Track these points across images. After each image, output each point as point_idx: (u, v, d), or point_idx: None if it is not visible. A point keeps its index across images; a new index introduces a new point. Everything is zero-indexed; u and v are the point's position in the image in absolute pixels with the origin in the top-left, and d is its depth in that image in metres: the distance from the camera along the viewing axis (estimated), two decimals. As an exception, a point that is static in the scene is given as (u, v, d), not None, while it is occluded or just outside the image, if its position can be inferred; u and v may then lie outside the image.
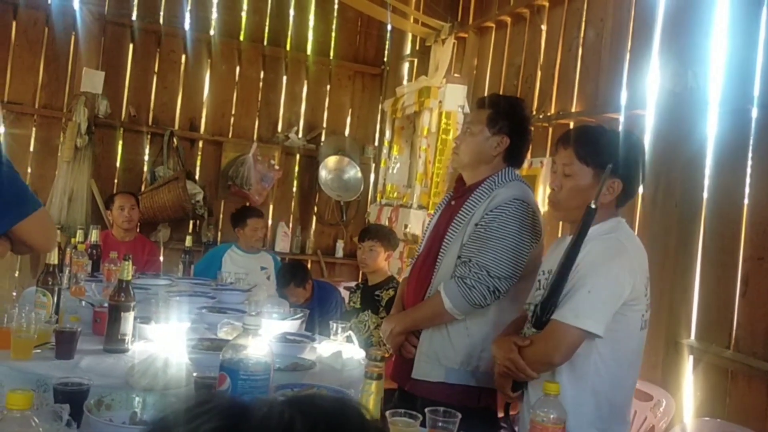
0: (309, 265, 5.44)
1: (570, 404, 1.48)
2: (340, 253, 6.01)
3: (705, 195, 2.86)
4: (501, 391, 2.06)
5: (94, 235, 3.71)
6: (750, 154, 2.68)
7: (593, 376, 1.87)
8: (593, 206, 1.84)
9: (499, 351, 1.96)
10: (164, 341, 2.23)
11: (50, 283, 2.41)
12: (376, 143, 6.10)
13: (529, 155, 3.99)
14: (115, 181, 5.51)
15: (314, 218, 6.07)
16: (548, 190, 3.72)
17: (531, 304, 1.97)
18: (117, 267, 3.05)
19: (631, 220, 3.19)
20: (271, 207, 5.89)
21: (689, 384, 2.80)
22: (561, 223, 3.45)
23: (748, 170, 2.68)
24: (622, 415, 1.97)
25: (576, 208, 1.93)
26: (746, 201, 2.68)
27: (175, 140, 5.51)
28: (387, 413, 1.61)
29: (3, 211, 1.80)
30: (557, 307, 1.84)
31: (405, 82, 5.70)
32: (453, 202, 2.50)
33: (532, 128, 3.96)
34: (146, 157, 5.58)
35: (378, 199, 5.53)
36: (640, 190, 2.40)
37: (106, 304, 2.33)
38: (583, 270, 1.83)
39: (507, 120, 2.42)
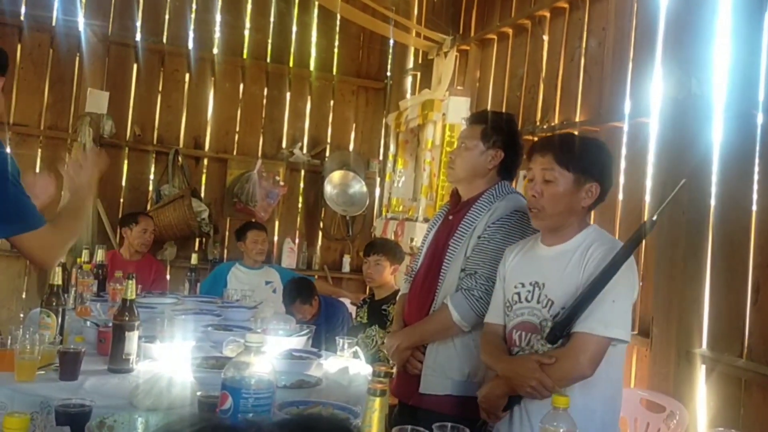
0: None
1: (581, 413, 1.47)
2: (346, 267, 5.99)
3: (712, 202, 2.83)
4: (491, 410, 2.01)
5: (100, 255, 3.70)
6: (757, 160, 2.65)
7: (604, 382, 1.90)
8: (654, 219, 1.92)
9: (519, 371, 1.91)
10: (169, 360, 2.22)
11: (54, 303, 2.40)
12: (381, 157, 6.10)
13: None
14: (121, 200, 5.53)
15: (320, 233, 6.06)
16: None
17: (546, 320, 1.93)
18: (122, 286, 3.04)
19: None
20: (276, 223, 5.88)
21: (702, 394, 2.76)
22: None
23: (755, 176, 2.65)
24: (617, 418, 2.01)
25: (558, 214, 1.97)
26: (754, 207, 2.65)
27: (179, 158, 5.52)
28: (393, 430, 1.59)
29: (4, 224, 1.98)
30: (579, 320, 1.84)
31: (408, 95, 5.70)
32: (451, 217, 2.52)
33: (536, 139, 4.00)
34: (151, 176, 5.59)
35: (383, 213, 5.52)
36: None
37: (110, 324, 2.32)
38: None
39: (500, 134, 2.46)
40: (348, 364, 2.36)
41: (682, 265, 2.82)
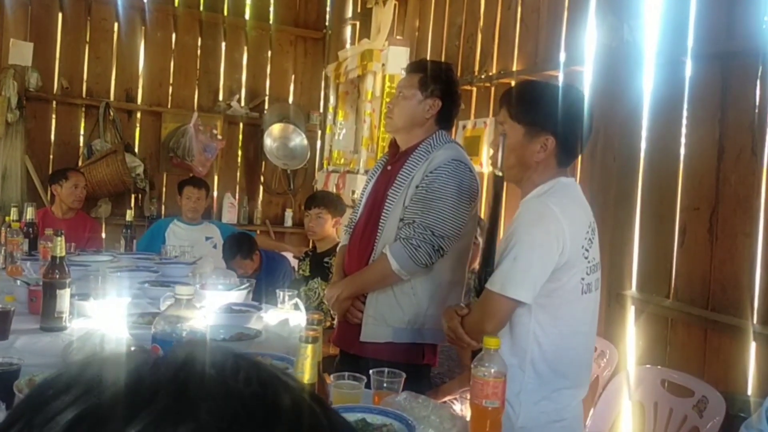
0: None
1: (512, 373, 1.47)
2: (289, 222, 5.95)
3: (642, 147, 2.90)
4: (464, 362, 2.07)
5: (30, 213, 3.58)
6: (685, 106, 2.72)
7: (532, 345, 1.83)
8: (499, 174, 1.91)
9: (443, 319, 1.95)
10: (104, 317, 2.18)
11: (-20, 263, 2.32)
12: (321, 109, 6.02)
13: (472, 116, 4.03)
14: (51, 156, 5.32)
15: (261, 188, 5.98)
16: (491, 151, 3.76)
17: (473, 273, 1.97)
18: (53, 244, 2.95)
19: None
20: (216, 178, 5.78)
21: (631, 334, 2.88)
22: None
23: (684, 122, 2.72)
24: (572, 380, 1.89)
25: (512, 167, 1.92)
26: (682, 152, 2.73)
27: (111, 112, 5.32)
28: (331, 377, 1.61)
29: None
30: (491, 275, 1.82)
31: (348, 45, 5.61)
32: (389, 167, 2.52)
33: (474, 89, 4.01)
34: (82, 131, 5.39)
35: (325, 166, 5.48)
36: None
37: (41, 283, 2.26)
38: (512, 236, 1.81)
39: (438, 83, 2.46)
40: (288, 316, 2.36)
41: (613, 210, 2.90)
